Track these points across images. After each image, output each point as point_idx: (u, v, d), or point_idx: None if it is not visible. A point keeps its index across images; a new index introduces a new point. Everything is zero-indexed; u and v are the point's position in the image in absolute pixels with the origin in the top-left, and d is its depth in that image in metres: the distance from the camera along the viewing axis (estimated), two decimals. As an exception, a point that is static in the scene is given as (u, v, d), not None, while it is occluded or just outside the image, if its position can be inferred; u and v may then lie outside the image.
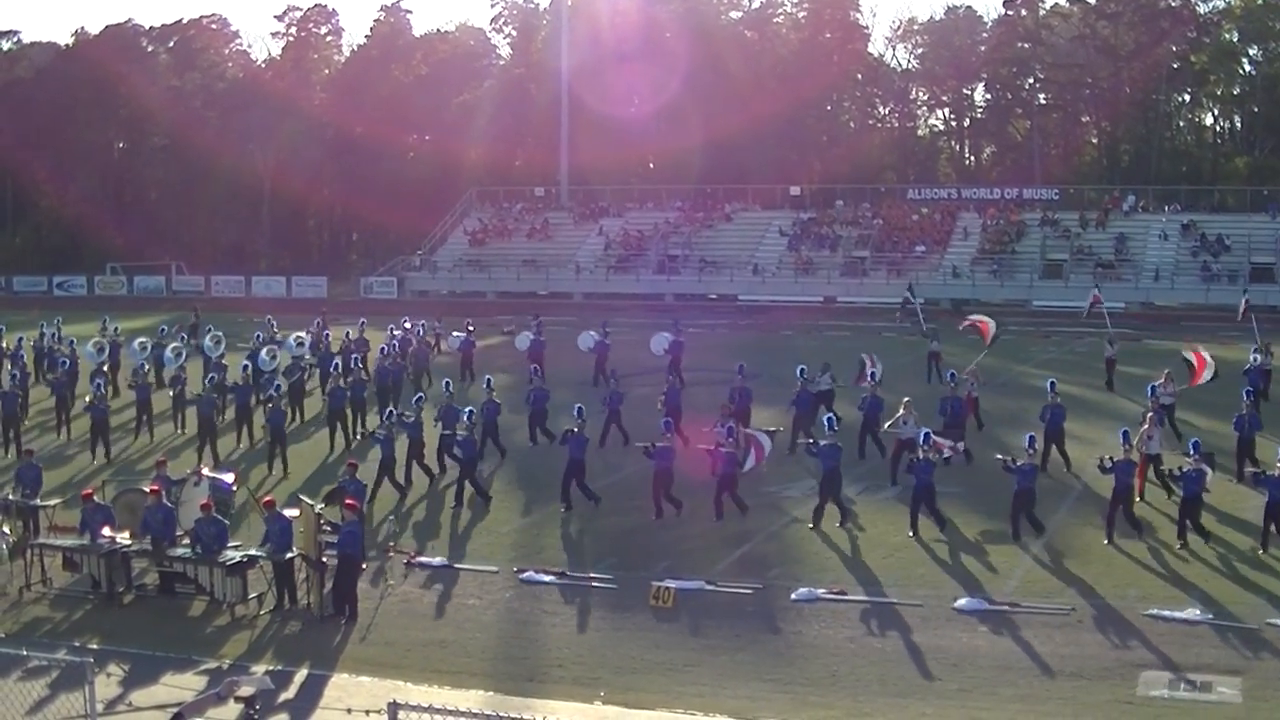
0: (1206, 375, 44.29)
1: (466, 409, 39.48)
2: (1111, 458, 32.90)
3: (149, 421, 46.63)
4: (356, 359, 51.39)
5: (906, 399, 39.75)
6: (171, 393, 48.07)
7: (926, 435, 34.85)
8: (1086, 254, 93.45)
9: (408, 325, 61.29)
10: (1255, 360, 48.78)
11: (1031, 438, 35.32)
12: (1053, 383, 41.44)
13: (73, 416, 47.78)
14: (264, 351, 52.14)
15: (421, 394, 44.45)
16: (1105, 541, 32.20)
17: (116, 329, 60.40)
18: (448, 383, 44.36)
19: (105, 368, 52.76)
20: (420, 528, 34.71)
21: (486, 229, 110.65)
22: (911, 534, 33.17)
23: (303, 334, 57.36)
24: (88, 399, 44.27)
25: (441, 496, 37.76)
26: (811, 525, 34.22)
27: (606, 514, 35.93)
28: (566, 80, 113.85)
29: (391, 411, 39.65)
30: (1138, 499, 34.73)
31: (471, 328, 60.83)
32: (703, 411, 42.40)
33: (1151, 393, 41.55)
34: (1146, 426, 37.25)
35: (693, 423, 41.64)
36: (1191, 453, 32.63)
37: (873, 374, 44.72)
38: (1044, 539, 32.48)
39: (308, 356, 54.38)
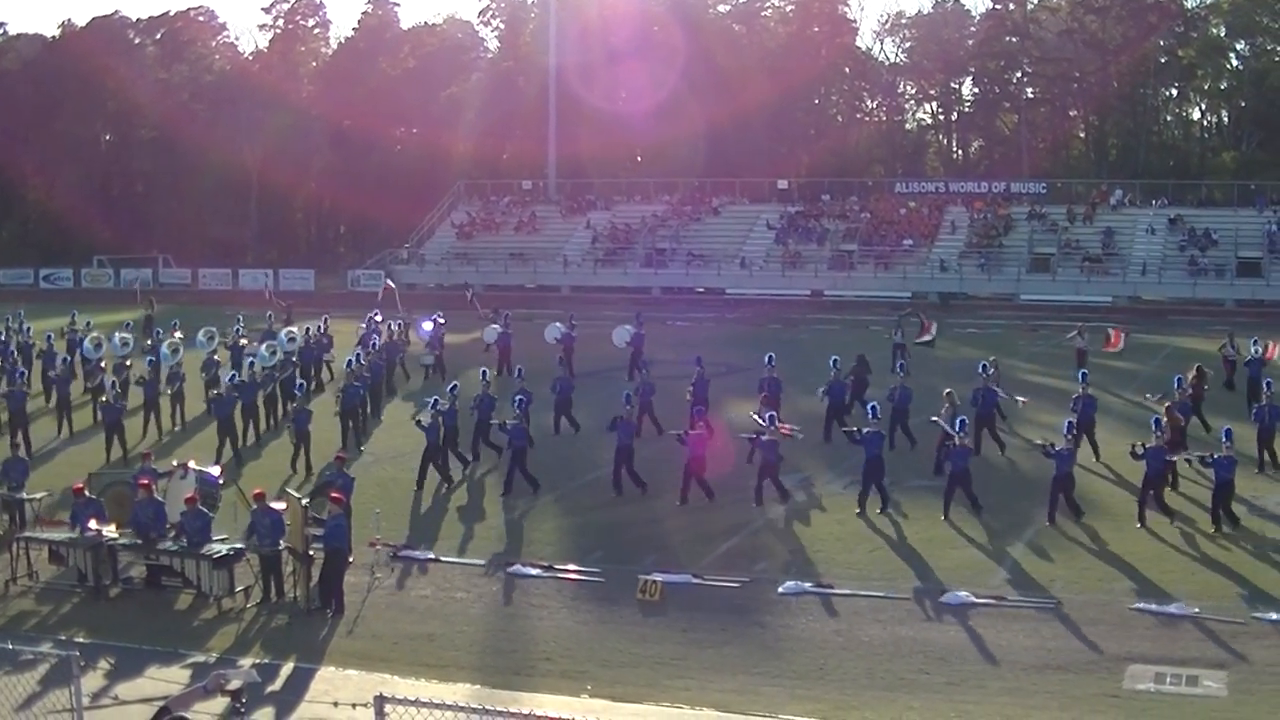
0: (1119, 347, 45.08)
1: (518, 396, 40.04)
2: (1144, 444, 33.60)
3: (157, 419, 46.15)
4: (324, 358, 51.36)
5: (948, 390, 40.16)
6: (169, 390, 47.32)
7: (963, 422, 35.86)
8: (1074, 248, 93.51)
9: (377, 319, 60.79)
10: (1255, 352, 48.97)
11: (1070, 423, 36.15)
12: (1084, 374, 42.40)
13: (73, 410, 47.51)
14: (264, 347, 51.19)
15: (456, 382, 44.27)
16: (1138, 525, 32.85)
17: (89, 323, 59.85)
18: (485, 372, 44.96)
19: (102, 363, 51.52)
20: (407, 521, 34.66)
21: (474, 222, 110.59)
22: (944, 518, 33.84)
23: (293, 329, 56.85)
24: (103, 399, 43.62)
25: (422, 486, 37.77)
26: (858, 511, 34.66)
27: (594, 508, 35.97)
28: (554, 74, 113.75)
29: (436, 399, 39.65)
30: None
31: (508, 320, 60.13)
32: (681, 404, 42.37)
33: (1178, 384, 41.75)
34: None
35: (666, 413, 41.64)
36: (1224, 440, 33.48)
37: (906, 356, 45.40)
38: (1032, 531, 32.56)
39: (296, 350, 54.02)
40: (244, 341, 55.43)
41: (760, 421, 37.08)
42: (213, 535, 28.60)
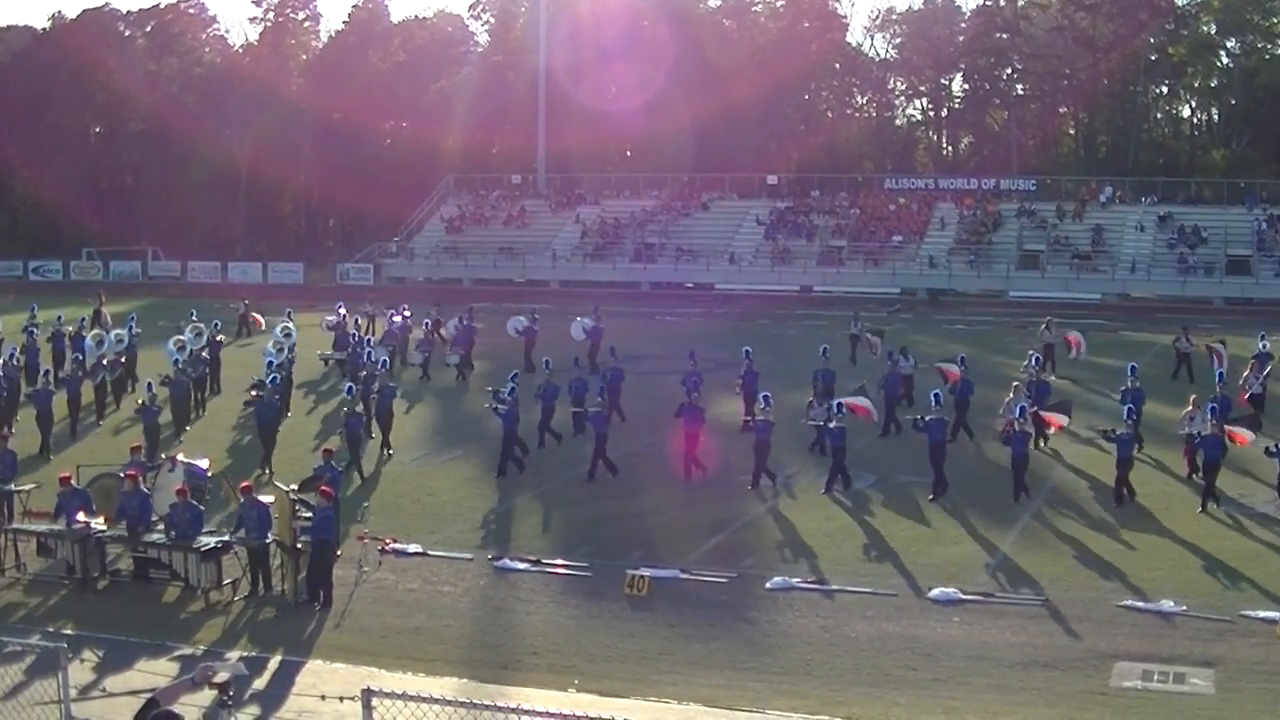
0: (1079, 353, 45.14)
1: (598, 383, 41.39)
2: (1114, 430, 35.90)
3: (76, 411, 45.57)
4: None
5: (1016, 383, 41.07)
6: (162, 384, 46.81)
7: (1022, 409, 36.76)
8: (1063, 245, 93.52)
9: (343, 312, 60.32)
10: (1263, 347, 49.92)
11: (1130, 408, 37.07)
12: (1133, 366, 42.80)
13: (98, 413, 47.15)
14: (270, 345, 50.94)
15: (517, 371, 44.26)
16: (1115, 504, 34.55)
17: (60, 317, 59.32)
18: (548, 361, 45.47)
19: (104, 360, 50.10)
20: (395, 514, 34.65)
21: (464, 216, 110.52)
22: (1019, 498, 35.19)
23: (290, 324, 56.10)
24: (140, 401, 42.71)
25: (428, 480, 37.78)
26: (932, 497, 35.49)
27: (582, 502, 35.99)
28: (544, 68, 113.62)
29: (512, 388, 40.12)
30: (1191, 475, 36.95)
31: (537, 316, 59.56)
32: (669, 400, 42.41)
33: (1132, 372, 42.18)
34: (1190, 409, 38.16)
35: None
36: (1126, 418, 36.37)
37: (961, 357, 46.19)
38: (1020, 527, 32.63)
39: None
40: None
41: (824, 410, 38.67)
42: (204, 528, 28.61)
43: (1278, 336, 54.95)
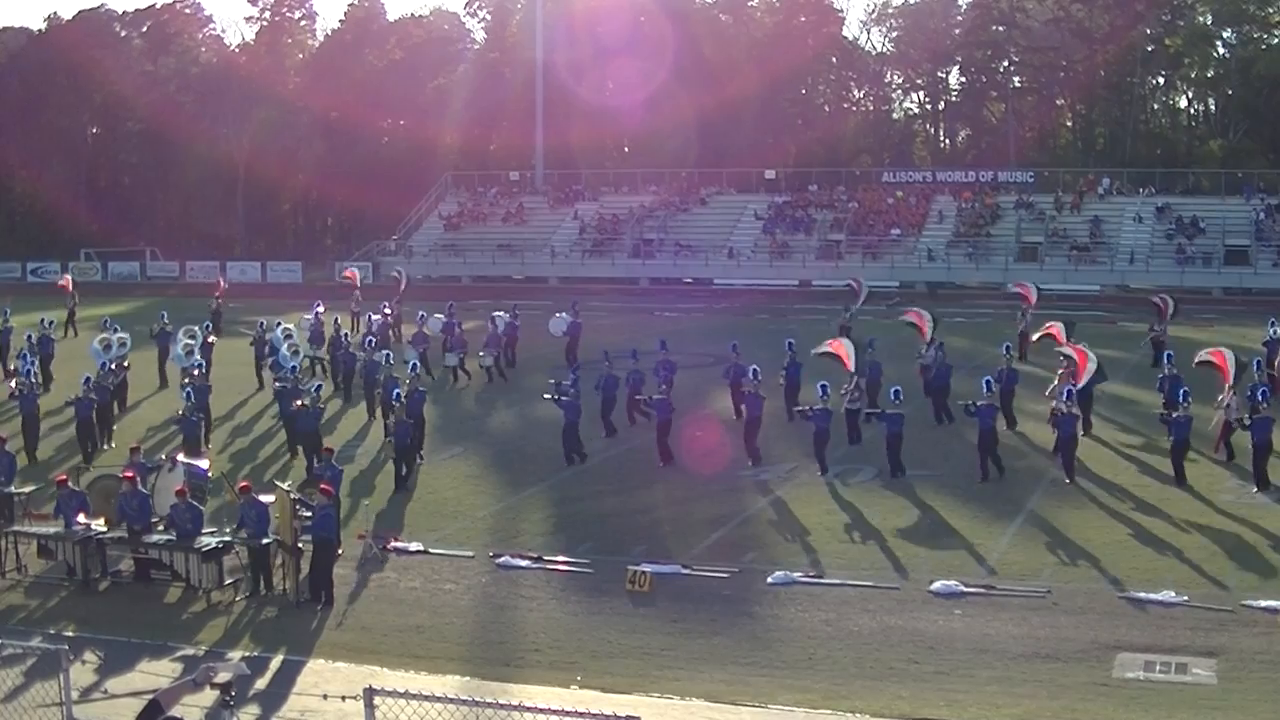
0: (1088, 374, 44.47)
1: (661, 370, 42.05)
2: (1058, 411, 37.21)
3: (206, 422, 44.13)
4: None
5: (1060, 370, 41.38)
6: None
7: (1069, 391, 37.81)
8: (1061, 237, 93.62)
9: (319, 310, 59.36)
10: (1274, 333, 50.30)
11: (1185, 392, 37.87)
12: (1170, 355, 43.85)
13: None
14: (284, 348, 49.09)
15: (579, 363, 44.33)
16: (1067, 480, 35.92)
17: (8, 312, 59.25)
18: (606, 352, 45.51)
19: (112, 364, 47.95)
20: (397, 513, 34.64)
21: (462, 213, 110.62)
22: (1071, 480, 36.19)
23: (290, 326, 55.41)
24: (180, 411, 41.36)
25: (429, 478, 37.75)
26: (982, 479, 36.55)
27: (583, 498, 35.99)
28: (541, 65, 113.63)
29: (575, 379, 40.95)
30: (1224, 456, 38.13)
31: (518, 312, 59.39)
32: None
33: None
34: (1225, 395, 38.95)
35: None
36: (985, 390, 37.98)
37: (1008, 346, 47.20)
38: (1022, 519, 32.65)
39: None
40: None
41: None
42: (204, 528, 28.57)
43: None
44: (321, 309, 59.49)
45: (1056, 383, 40.48)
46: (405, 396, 39.49)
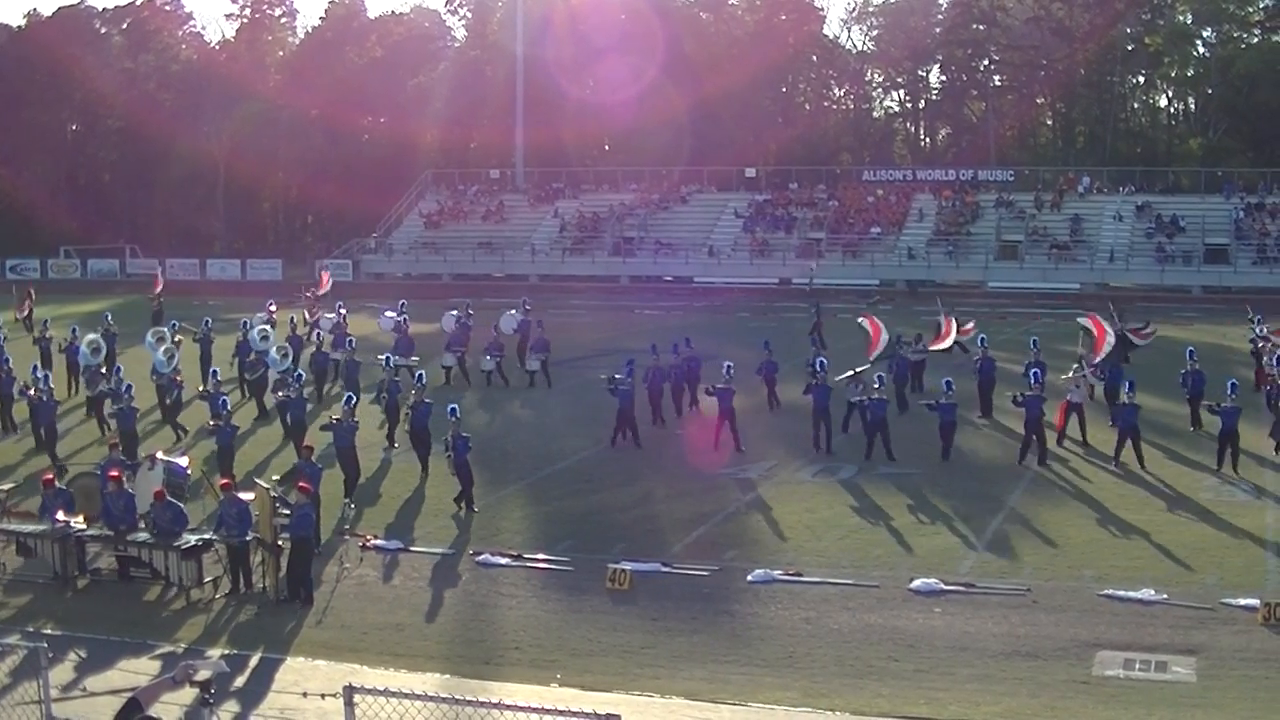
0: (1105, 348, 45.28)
1: (726, 362, 42.38)
2: (1023, 394, 38.60)
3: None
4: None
5: (1075, 365, 42.36)
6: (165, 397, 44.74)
7: (1131, 384, 38.65)
8: (1042, 235, 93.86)
9: (273, 308, 59.26)
10: (1258, 329, 50.99)
11: (1234, 383, 38.24)
12: (1191, 350, 44.73)
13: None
14: (274, 350, 48.03)
15: (634, 358, 44.59)
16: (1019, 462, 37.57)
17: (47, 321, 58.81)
18: (654, 346, 46.53)
19: (101, 369, 48.14)
20: (377, 510, 34.60)
21: (442, 211, 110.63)
22: (1122, 463, 37.46)
23: (265, 326, 54.82)
24: (210, 422, 38.96)
25: (409, 475, 37.73)
26: (1039, 462, 37.84)
27: (563, 496, 35.97)
28: (521, 62, 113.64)
29: (629, 370, 41.93)
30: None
31: (471, 311, 58.48)
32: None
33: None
34: (1075, 373, 41.53)
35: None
36: (945, 389, 39.26)
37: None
38: (1002, 517, 32.69)
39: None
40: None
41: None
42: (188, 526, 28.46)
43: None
44: (275, 308, 59.46)
45: (1071, 375, 41.51)
46: (412, 408, 39.06)
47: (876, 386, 39.61)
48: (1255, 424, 40.14)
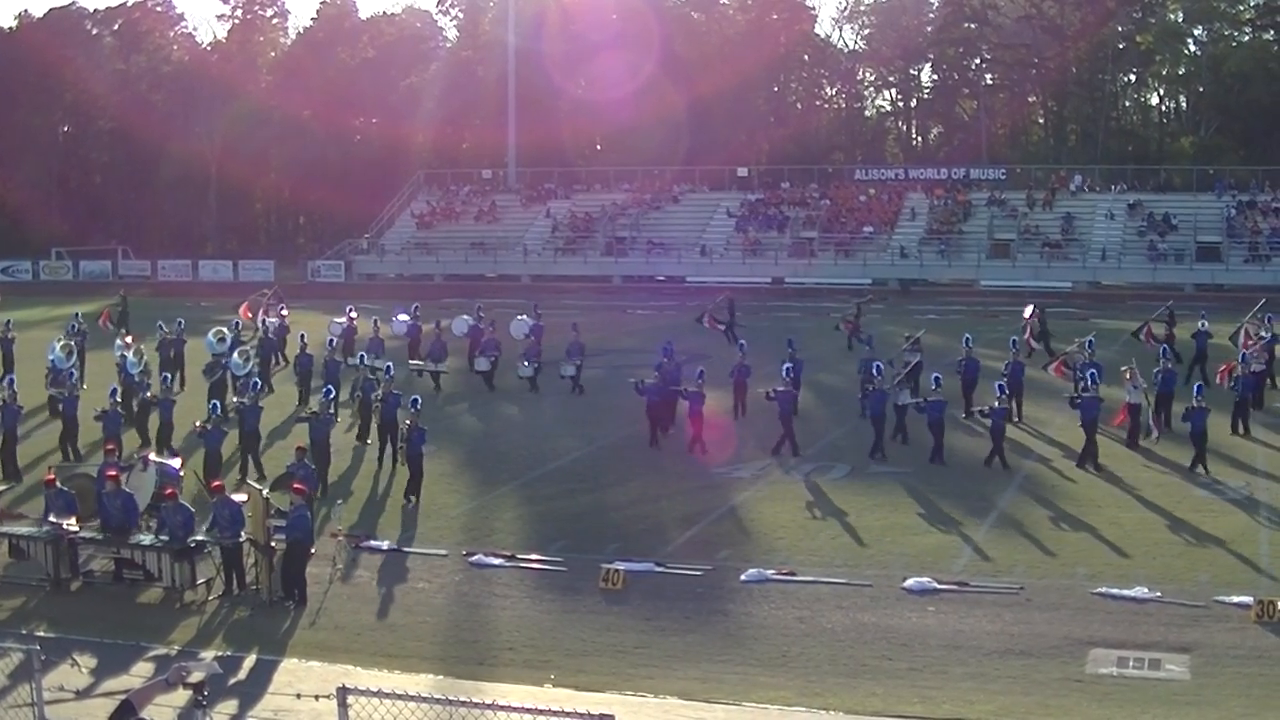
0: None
1: (786, 364, 42.65)
2: (989, 407, 39.04)
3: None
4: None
5: (1124, 367, 41.45)
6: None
7: (1093, 375, 40.29)
8: (1034, 233, 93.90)
9: (284, 311, 59.34)
10: (1202, 326, 51.11)
11: (1199, 386, 38.91)
12: (968, 338, 46.12)
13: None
14: (236, 355, 47.89)
15: (669, 347, 45.05)
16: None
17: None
18: (670, 345, 46.82)
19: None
20: (369, 511, 34.58)
21: (434, 212, 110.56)
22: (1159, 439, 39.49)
23: (224, 329, 53.98)
24: (198, 424, 38.28)
25: (401, 476, 37.71)
26: (1079, 463, 37.85)
27: (556, 496, 35.96)
28: (513, 63, 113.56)
29: (656, 377, 42.84)
30: None
31: (417, 312, 58.89)
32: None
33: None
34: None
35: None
36: (934, 386, 39.97)
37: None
38: (995, 516, 32.72)
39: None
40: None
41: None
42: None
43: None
44: (286, 310, 59.38)
45: (1129, 377, 40.63)
46: (381, 399, 39.49)
47: (934, 388, 39.85)
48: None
